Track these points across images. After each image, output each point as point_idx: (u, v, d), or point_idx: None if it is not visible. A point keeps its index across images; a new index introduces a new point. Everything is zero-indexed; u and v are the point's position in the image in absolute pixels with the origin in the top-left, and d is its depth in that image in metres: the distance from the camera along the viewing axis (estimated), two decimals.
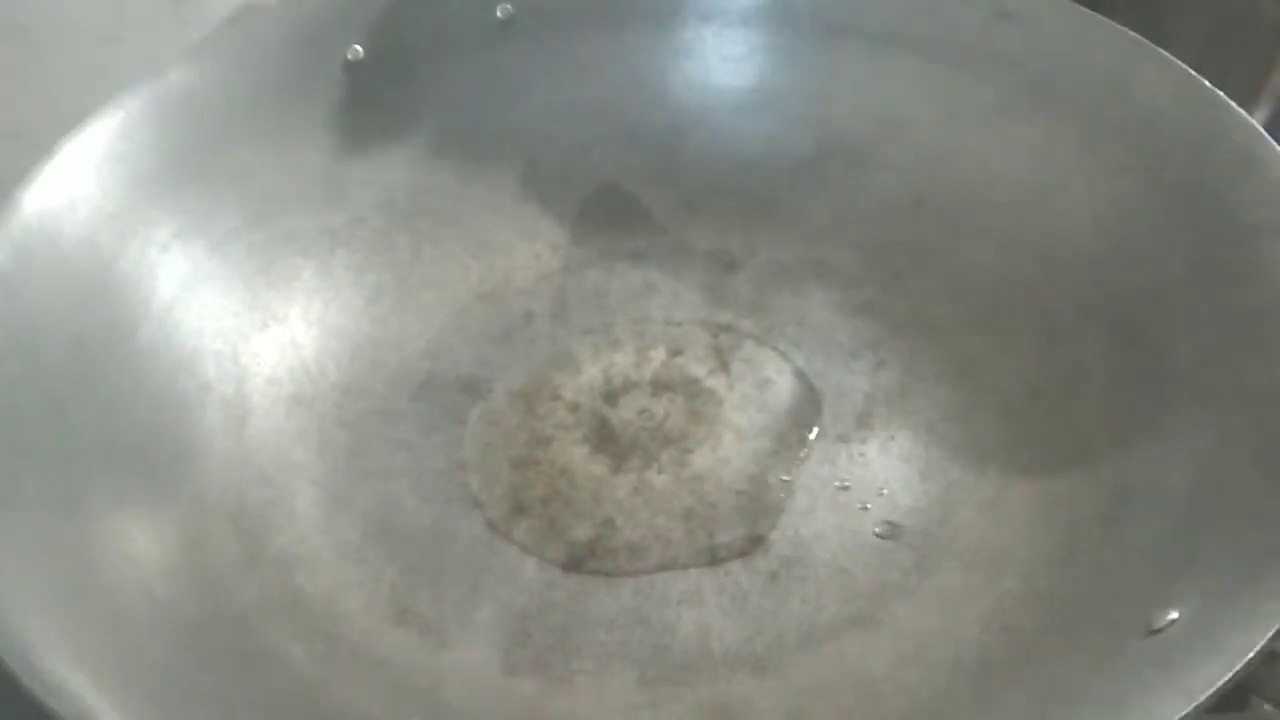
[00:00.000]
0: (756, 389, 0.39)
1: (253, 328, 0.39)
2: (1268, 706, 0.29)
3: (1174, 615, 0.27)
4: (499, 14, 0.43)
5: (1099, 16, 0.40)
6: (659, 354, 0.40)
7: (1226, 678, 0.25)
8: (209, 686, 0.29)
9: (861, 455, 0.37)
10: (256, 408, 0.38)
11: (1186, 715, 0.24)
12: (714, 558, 0.35)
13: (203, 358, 0.38)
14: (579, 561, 0.35)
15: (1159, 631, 0.27)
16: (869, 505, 0.36)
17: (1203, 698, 0.24)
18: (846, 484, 0.37)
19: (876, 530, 0.36)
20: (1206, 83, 0.37)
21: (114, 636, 0.29)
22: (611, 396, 0.39)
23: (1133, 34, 0.39)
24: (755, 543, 0.35)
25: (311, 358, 0.39)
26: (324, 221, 0.41)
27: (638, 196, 0.43)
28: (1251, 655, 0.25)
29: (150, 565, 0.32)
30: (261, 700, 0.30)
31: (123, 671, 0.28)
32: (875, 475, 0.37)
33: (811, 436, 0.38)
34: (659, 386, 0.39)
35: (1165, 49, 0.38)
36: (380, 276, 0.41)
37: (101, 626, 0.29)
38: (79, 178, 0.37)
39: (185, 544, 0.33)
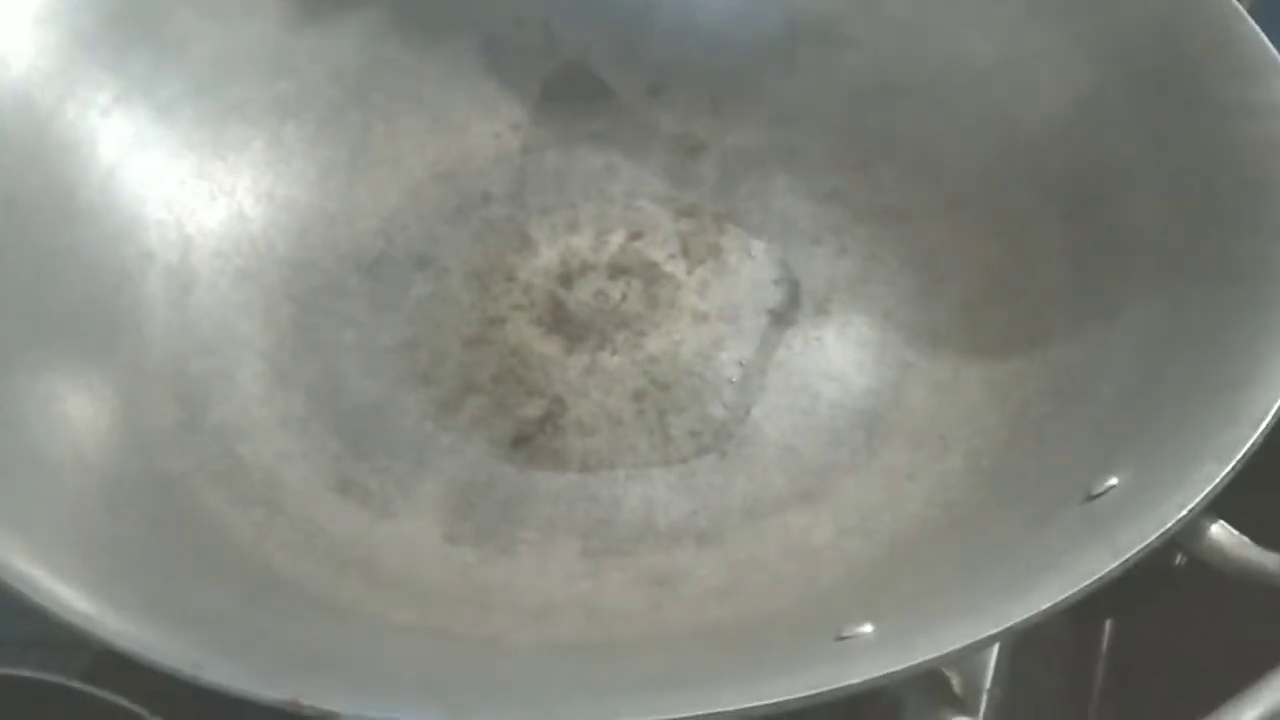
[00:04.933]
0: (715, 274, 0.39)
1: (199, 198, 0.38)
2: None
3: (1113, 481, 0.27)
4: None
5: None
6: (618, 237, 0.39)
7: (1155, 536, 0.25)
8: (138, 546, 0.29)
9: (819, 340, 0.37)
10: (201, 279, 0.37)
11: (1115, 570, 0.24)
12: (664, 437, 0.35)
13: (145, 226, 0.37)
14: (527, 439, 0.35)
15: (1097, 497, 0.27)
16: (822, 388, 0.36)
17: (1130, 554, 0.24)
18: (802, 367, 0.36)
19: (829, 412, 0.35)
20: None
21: (37, 494, 0.29)
22: (568, 279, 0.39)
23: None
24: (706, 423, 0.35)
25: (259, 231, 0.38)
26: (274, 91, 0.40)
27: (602, 76, 0.42)
28: (1183, 515, 0.25)
29: (83, 427, 0.31)
30: (194, 561, 0.30)
31: (46, 528, 0.28)
32: (831, 359, 0.37)
33: (769, 321, 0.37)
34: (616, 270, 0.39)
35: None
36: (332, 151, 0.40)
37: (25, 483, 0.29)
38: (12, 33, 0.35)
39: (121, 409, 0.33)
